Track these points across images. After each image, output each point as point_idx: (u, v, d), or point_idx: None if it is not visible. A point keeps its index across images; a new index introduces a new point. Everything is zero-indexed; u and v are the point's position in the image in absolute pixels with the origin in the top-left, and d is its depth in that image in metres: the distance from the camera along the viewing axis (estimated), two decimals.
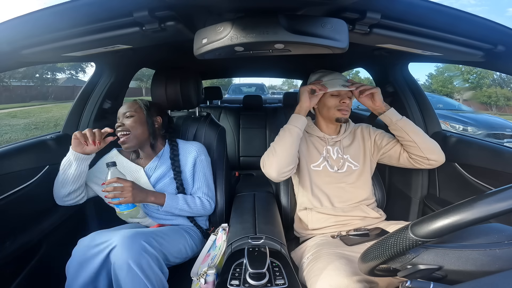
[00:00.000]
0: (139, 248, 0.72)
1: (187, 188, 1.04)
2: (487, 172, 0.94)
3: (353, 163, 1.02)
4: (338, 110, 0.98)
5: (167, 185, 1.01)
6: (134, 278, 0.70)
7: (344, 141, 1.05)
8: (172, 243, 0.88)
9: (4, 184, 0.86)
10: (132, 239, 0.73)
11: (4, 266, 0.81)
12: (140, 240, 0.74)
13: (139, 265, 0.71)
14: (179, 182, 1.01)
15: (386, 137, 1.04)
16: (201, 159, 1.07)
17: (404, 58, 1.18)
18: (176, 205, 0.95)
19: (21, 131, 7.01)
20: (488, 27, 0.63)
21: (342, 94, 0.98)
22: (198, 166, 1.06)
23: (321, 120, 1.07)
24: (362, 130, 1.09)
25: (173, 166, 1.02)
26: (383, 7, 0.58)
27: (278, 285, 0.62)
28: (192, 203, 0.99)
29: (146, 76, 18.71)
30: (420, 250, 0.43)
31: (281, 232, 0.90)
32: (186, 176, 1.04)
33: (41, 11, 0.58)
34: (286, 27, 0.54)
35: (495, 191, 0.36)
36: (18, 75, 15.15)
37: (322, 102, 1.01)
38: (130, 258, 0.70)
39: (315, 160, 1.02)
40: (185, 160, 1.05)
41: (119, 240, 0.72)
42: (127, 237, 0.73)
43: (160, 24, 0.63)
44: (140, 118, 0.98)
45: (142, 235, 0.76)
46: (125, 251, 0.71)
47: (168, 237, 0.88)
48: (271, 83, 56.57)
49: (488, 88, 18.23)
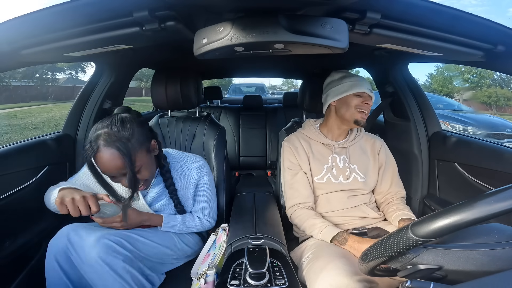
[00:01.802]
0: (106, 247, 0.71)
1: (186, 206, 0.98)
2: (487, 172, 0.94)
3: (360, 174, 0.99)
4: (357, 112, 0.95)
5: (165, 205, 0.94)
6: (104, 277, 0.70)
7: (352, 149, 1.02)
8: (152, 245, 0.84)
9: (4, 184, 0.86)
10: (100, 239, 0.72)
11: (4, 266, 0.81)
12: (106, 240, 0.72)
13: (107, 263, 0.70)
14: (176, 201, 0.94)
15: (387, 171, 1.03)
16: (204, 181, 0.99)
17: (404, 58, 1.18)
18: (174, 227, 0.92)
19: (21, 131, 7.01)
20: (488, 27, 0.63)
21: (365, 96, 0.96)
22: (200, 188, 0.99)
23: (333, 120, 1.02)
24: (375, 145, 1.06)
25: (166, 184, 0.92)
26: (383, 7, 0.58)
27: (278, 285, 0.62)
28: (191, 224, 0.96)
29: (146, 76, 18.69)
30: (420, 250, 0.43)
31: (281, 232, 0.90)
32: (186, 197, 0.97)
33: (41, 11, 0.58)
34: (286, 27, 0.54)
35: (495, 191, 0.36)
36: (18, 75, 15.14)
37: (343, 100, 0.97)
38: (97, 256, 0.70)
39: (319, 172, 0.99)
40: (185, 181, 0.96)
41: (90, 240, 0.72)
42: (96, 237, 0.72)
43: (160, 24, 0.63)
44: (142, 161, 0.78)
45: (112, 235, 0.75)
46: (93, 249, 0.70)
47: (145, 239, 0.83)
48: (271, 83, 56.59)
49: (488, 88, 18.23)
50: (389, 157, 1.06)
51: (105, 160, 0.72)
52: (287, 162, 1.03)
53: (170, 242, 0.91)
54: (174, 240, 0.93)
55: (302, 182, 0.99)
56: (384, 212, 1.01)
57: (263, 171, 2.24)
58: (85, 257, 0.71)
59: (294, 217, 0.98)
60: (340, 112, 0.98)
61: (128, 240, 0.77)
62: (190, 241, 0.99)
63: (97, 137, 0.72)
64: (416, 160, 1.24)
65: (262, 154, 2.24)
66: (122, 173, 0.75)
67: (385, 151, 1.06)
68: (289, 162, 1.02)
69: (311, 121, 1.10)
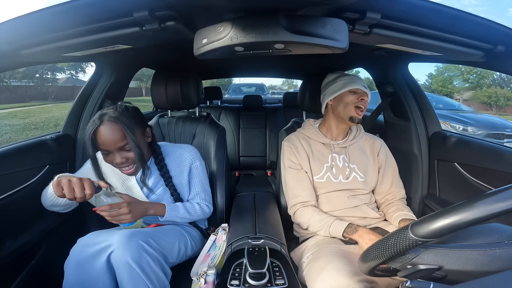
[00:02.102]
0: (137, 248, 0.72)
1: (182, 193, 1.01)
2: (487, 172, 0.94)
3: (360, 174, 0.99)
4: (354, 108, 0.96)
5: (162, 194, 0.96)
6: (135, 278, 0.70)
7: (351, 149, 1.02)
8: (171, 243, 0.87)
9: (4, 184, 0.86)
10: (131, 239, 0.73)
11: (4, 266, 0.81)
12: (138, 239, 0.74)
13: (139, 264, 0.71)
14: (172, 188, 0.97)
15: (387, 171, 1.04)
16: (196, 165, 1.02)
17: (404, 58, 1.18)
18: (177, 214, 0.93)
19: (21, 131, 7.01)
20: (488, 27, 0.63)
21: (360, 92, 0.97)
22: (193, 172, 1.02)
23: (331, 120, 1.03)
24: (374, 145, 1.06)
25: (161, 172, 0.96)
26: (383, 7, 0.58)
27: (278, 285, 0.62)
28: (192, 210, 0.98)
29: (146, 76, 18.70)
30: (420, 250, 0.43)
31: (281, 232, 0.90)
32: (181, 183, 1.00)
33: (41, 11, 0.58)
34: (286, 27, 0.54)
35: (495, 191, 0.36)
36: (18, 75, 15.15)
37: (339, 98, 0.98)
38: (130, 257, 0.70)
39: (318, 172, 0.99)
40: (179, 168, 1.00)
41: (118, 240, 0.72)
42: (125, 236, 0.73)
43: (160, 24, 0.63)
44: (135, 142, 0.81)
45: (140, 235, 0.76)
46: (125, 251, 0.71)
47: (166, 236, 0.87)
48: (271, 83, 56.59)
49: (488, 88, 18.23)
50: (389, 157, 1.06)
51: (107, 132, 0.78)
52: (287, 161, 1.03)
53: (183, 238, 0.94)
54: (186, 237, 0.96)
55: (303, 181, 0.99)
56: (385, 212, 1.01)
57: (263, 171, 2.25)
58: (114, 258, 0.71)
59: (297, 216, 0.98)
60: (337, 111, 0.99)
61: (154, 239, 0.79)
62: (196, 238, 1.02)
63: (102, 115, 0.80)
64: (416, 160, 1.24)
65: (262, 154, 2.24)
66: (118, 147, 0.80)
67: (385, 151, 1.06)
68: (290, 161, 1.02)
69: (310, 121, 1.10)
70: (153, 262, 0.74)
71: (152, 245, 0.77)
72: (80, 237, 0.79)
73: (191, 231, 1.02)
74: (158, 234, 0.84)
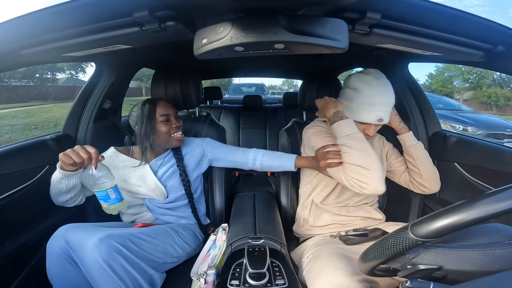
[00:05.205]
0: (109, 248, 0.71)
1: (190, 174, 1.06)
2: (487, 172, 0.94)
3: None
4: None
5: (170, 176, 1.02)
6: (106, 278, 0.70)
7: None
8: (155, 244, 0.85)
9: (4, 184, 0.86)
10: (103, 240, 0.71)
11: (4, 266, 0.81)
12: (112, 241, 0.72)
13: (109, 264, 0.70)
14: (181, 169, 1.03)
15: (395, 153, 1.04)
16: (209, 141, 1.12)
17: (404, 58, 1.18)
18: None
19: (21, 131, 7.01)
20: (488, 27, 0.63)
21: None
22: (215, 148, 1.10)
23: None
24: (376, 139, 1.07)
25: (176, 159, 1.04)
26: (383, 7, 0.58)
27: (278, 285, 0.62)
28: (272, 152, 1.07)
29: (146, 76, 18.67)
30: (420, 250, 0.43)
31: (281, 232, 0.90)
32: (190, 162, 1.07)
33: (41, 11, 0.58)
34: (286, 27, 0.54)
35: (495, 191, 0.36)
36: (18, 75, 15.12)
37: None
38: (101, 258, 0.69)
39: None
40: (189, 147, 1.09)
41: (93, 241, 0.71)
42: (98, 238, 0.72)
43: (160, 24, 0.63)
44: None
45: (116, 237, 0.75)
46: (94, 252, 0.70)
47: (149, 237, 0.84)
48: (271, 83, 56.46)
49: (488, 88, 18.20)
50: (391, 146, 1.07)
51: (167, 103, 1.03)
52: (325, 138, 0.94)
53: (170, 239, 0.92)
54: (174, 237, 0.94)
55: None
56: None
57: (263, 171, 2.24)
58: (86, 257, 0.71)
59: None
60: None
61: (132, 240, 0.78)
62: (187, 237, 1.00)
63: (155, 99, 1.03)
64: None
65: None
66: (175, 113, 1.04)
67: (388, 144, 1.07)
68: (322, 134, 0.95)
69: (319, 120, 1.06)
70: (128, 264, 0.73)
71: (129, 246, 0.75)
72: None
73: (180, 231, 0.99)
74: (140, 235, 0.82)
